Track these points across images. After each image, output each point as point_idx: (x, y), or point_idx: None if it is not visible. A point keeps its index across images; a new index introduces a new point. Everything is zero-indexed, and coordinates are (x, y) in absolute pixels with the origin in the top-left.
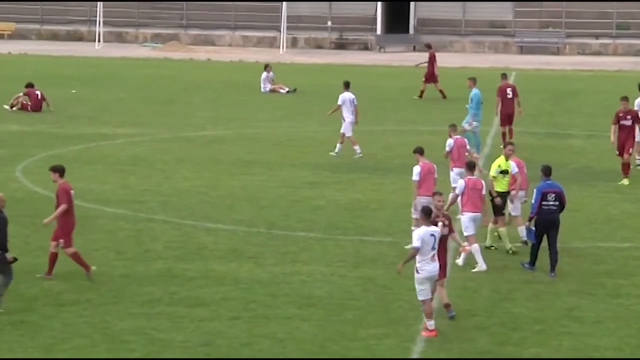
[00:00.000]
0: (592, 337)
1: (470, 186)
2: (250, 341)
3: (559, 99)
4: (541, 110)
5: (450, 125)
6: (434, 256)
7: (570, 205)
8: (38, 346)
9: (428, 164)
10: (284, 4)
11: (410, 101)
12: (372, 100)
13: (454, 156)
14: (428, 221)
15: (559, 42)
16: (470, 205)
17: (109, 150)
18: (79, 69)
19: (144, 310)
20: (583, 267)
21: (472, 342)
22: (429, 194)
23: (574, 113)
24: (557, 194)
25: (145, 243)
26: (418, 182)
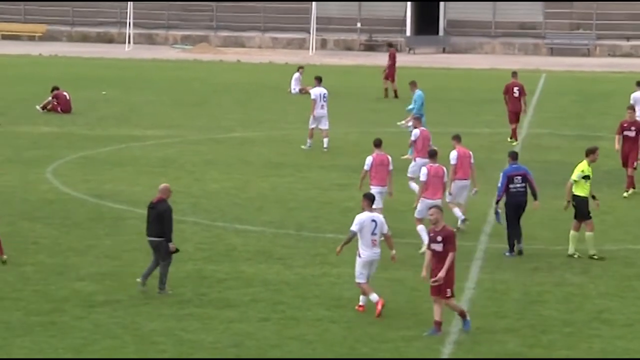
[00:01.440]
0: (622, 339)
1: (432, 173)
2: (279, 343)
3: (589, 101)
4: (571, 112)
5: (414, 118)
6: (374, 241)
7: (601, 207)
8: (68, 347)
9: (382, 156)
10: (313, 5)
11: (440, 102)
12: (402, 102)
13: (418, 147)
14: (370, 207)
15: (590, 44)
16: (431, 192)
17: (139, 152)
18: (109, 71)
19: (174, 312)
20: (613, 269)
21: (502, 345)
22: (383, 184)
23: (604, 115)
24: (523, 177)
25: (176, 244)
26: (367, 172)
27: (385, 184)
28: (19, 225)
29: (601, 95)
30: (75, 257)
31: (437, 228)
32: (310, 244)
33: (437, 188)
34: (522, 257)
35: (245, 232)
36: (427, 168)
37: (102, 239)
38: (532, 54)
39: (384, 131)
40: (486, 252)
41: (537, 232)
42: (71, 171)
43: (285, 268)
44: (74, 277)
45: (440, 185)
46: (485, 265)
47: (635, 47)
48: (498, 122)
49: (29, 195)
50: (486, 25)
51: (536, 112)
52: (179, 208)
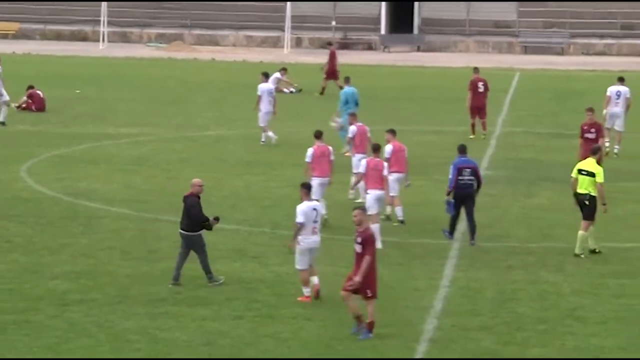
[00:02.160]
0: (595, 337)
1: (372, 167)
2: (254, 341)
3: (563, 99)
4: (545, 111)
5: (350, 114)
6: (314, 229)
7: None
8: (43, 346)
9: (322, 147)
10: (288, 3)
11: (414, 101)
12: (376, 100)
13: (356, 142)
14: (309, 196)
15: (563, 42)
16: (372, 183)
17: (114, 150)
18: (83, 69)
19: (148, 310)
20: (587, 267)
21: (476, 342)
22: (324, 175)
23: (578, 113)
24: (472, 169)
25: (150, 243)
26: (310, 163)
27: (327, 174)
28: None
29: (575, 93)
30: (50, 256)
31: (360, 229)
32: (284, 242)
33: (377, 181)
34: (496, 255)
35: (219, 231)
36: (366, 161)
37: (76, 237)
38: (506, 52)
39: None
40: (460, 251)
41: (512, 230)
42: (45, 169)
43: (260, 266)
44: (48, 276)
45: (380, 178)
46: (460, 264)
47: (609, 46)
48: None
49: (2, 193)
50: (460, 24)
51: (510, 111)
52: (153, 206)
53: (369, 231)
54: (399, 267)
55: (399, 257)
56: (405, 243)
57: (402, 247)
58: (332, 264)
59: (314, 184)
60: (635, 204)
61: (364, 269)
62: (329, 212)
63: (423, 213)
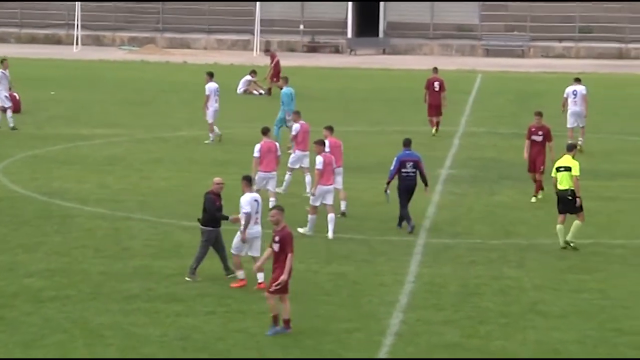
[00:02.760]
0: (556, 330)
1: (327, 162)
2: (224, 335)
3: (524, 100)
4: (507, 111)
5: (294, 112)
6: (256, 219)
7: (534, 203)
8: (18, 342)
9: (269, 143)
10: (257, 7)
11: (380, 102)
12: (343, 102)
13: (298, 140)
14: (250, 188)
15: (524, 45)
16: (327, 178)
17: (87, 151)
18: (57, 72)
19: (122, 306)
20: (548, 263)
21: (440, 336)
22: (269, 169)
23: None
24: (414, 162)
25: (123, 241)
26: (258, 158)
27: (273, 169)
28: None
29: (535, 94)
30: (24, 254)
31: (278, 228)
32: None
33: (329, 175)
34: (459, 251)
35: (192, 229)
36: (322, 157)
37: (51, 236)
38: (469, 55)
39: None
40: (425, 247)
41: (475, 227)
42: (20, 169)
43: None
44: (23, 274)
45: (332, 173)
46: (425, 260)
47: (568, 49)
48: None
49: None
50: (425, 27)
51: (473, 112)
52: (126, 205)
53: (287, 230)
54: (365, 263)
55: (365, 253)
56: (371, 240)
57: (368, 244)
58: (302, 261)
59: (259, 177)
60: (591, 201)
61: (289, 267)
62: (300, 211)
63: (388, 211)
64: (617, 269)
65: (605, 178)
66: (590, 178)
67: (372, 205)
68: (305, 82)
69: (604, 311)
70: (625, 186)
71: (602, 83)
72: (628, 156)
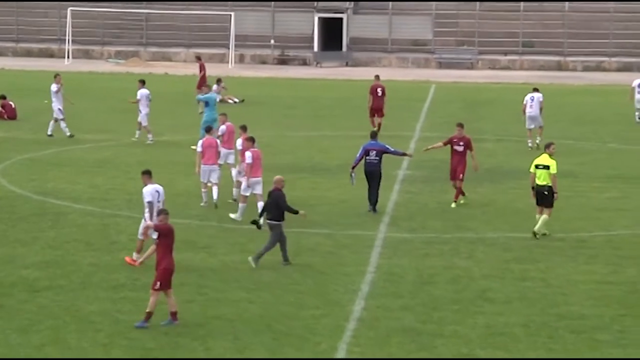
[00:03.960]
0: (502, 315)
1: (256, 157)
2: (203, 322)
3: (473, 108)
4: (458, 118)
5: (221, 114)
6: (158, 207)
7: (483, 200)
8: (15, 328)
9: (210, 139)
10: (232, 24)
11: (344, 110)
12: (310, 109)
13: (224, 139)
14: (151, 180)
15: (473, 58)
16: (256, 171)
17: (79, 154)
18: (50, 82)
19: (110, 295)
20: (495, 254)
21: (399, 321)
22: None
23: (486, 120)
24: (377, 151)
25: (111, 236)
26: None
27: (214, 162)
28: None
29: (483, 103)
30: (22, 248)
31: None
32: (230, 234)
33: (258, 168)
34: (415, 244)
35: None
36: (250, 152)
37: (45, 231)
38: (424, 67)
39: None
40: (385, 240)
41: (429, 223)
42: (17, 171)
43: (209, 256)
44: (20, 265)
45: (260, 166)
46: (384, 252)
47: (512, 61)
48: (393, 126)
49: None
50: (383, 42)
51: (427, 118)
52: (114, 204)
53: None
54: (331, 255)
55: (330, 246)
56: (335, 234)
57: (333, 237)
58: (273, 254)
59: (203, 170)
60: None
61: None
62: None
63: (351, 208)
64: (557, 260)
65: None
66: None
67: (337, 203)
68: (276, 92)
69: (545, 298)
70: (562, 185)
71: (544, 92)
72: (566, 158)
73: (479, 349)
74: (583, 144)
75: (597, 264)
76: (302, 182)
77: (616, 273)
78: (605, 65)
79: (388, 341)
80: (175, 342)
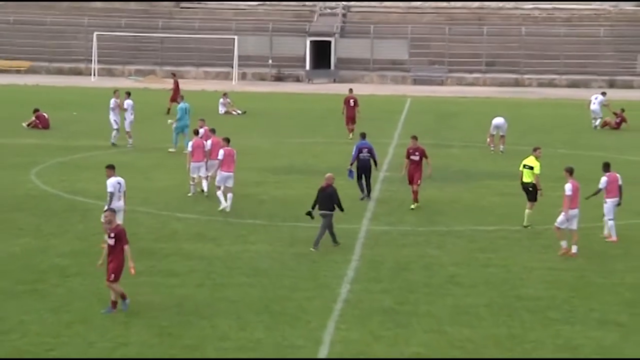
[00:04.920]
0: (468, 297)
1: (227, 153)
2: (211, 303)
3: (443, 119)
4: (430, 127)
5: (200, 119)
6: (120, 197)
7: (451, 198)
8: (48, 308)
9: (199, 141)
10: (235, 46)
11: (332, 120)
12: (304, 120)
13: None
14: (114, 173)
15: (443, 76)
16: (227, 166)
17: (103, 158)
18: (78, 97)
19: (130, 280)
20: (462, 244)
21: (379, 302)
22: (199, 160)
23: (454, 129)
24: (368, 149)
25: (131, 228)
26: (191, 152)
27: (202, 160)
28: (9, 215)
29: (452, 114)
30: (54, 239)
31: (112, 227)
32: (234, 227)
33: (229, 164)
34: (394, 236)
35: (184, 219)
36: (223, 150)
37: (75, 225)
38: (401, 83)
39: (293, 142)
40: (367, 233)
41: (405, 218)
42: (50, 173)
43: (216, 246)
44: (53, 254)
45: (232, 162)
46: (367, 243)
47: (477, 79)
48: (375, 134)
49: (16, 191)
50: (366, 62)
51: (404, 127)
52: (133, 201)
53: (120, 227)
54: (321, 245)
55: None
56: None
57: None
58: (271, 244)
59: (193, 167)
60: (495, 196)
61: (131, 256)
62: (248, 203)
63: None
64: (516, 249)
65: (506, 179)
66: (494, 178)
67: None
68: (273, 105)
69: (505, 282)
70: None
71: (503, 105)
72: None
73: (448, 326)
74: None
75: (550, 253)
76: (297, 183)
77: (566, 261)
78: (557, 82)
79: (370, 319)
80: (187, 320)
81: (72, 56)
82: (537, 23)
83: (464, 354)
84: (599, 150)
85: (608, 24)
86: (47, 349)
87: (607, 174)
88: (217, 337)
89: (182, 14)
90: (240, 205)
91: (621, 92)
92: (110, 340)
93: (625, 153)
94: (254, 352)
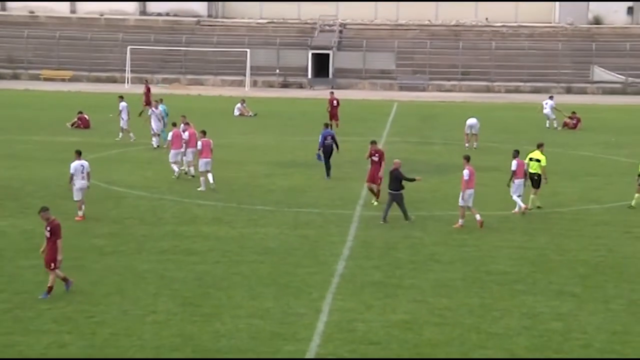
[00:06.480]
0: (447, 272)
1: (205, 144)
2: (227, 277)
3: (425, 120)
4: (413, 127)
5: (182, 116)
6: (82, 177)
7: (433, 187)
8: (88, 281)
9: (206, 140)
10: (248, 58)
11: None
12: (305, 121)
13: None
14: (79, 157)
15: (425, 83)
16: (205, 153)
17: (135, 154)
18: (114, 101)
19: (157, 258)
20: (441, 227)
21: (370, 276)
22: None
23: (435, 129)
24: (332, 136)
25: (158, 214)
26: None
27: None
28: (55, 202)
29: (432, 116)
30: (93, 222)
31: (49, 222)
32: (246, 212)
33: (207, 152)
34: (385, 220)
35: (204, 206)
36: (201, 141)
37: (110, 210)
38: (389, 90)
39: (297, 140)
40: (360, 217)
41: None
42: (91, 167)
43: (231, 228)
44: (92, 235)
45: (209, 151)
46: (359, 226)
47: (454, 86)
48: (367, 133)
49: (62, 182)
50: (359, 72)
51: (391, 127)
52: (160, 190)
53: (55, 221)
54: (320, 228)
55: (321, 222)
56: (324, 213)
57: (322, 215)
58: (278, 227)
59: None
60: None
61: (61, 249)
62: (258, 192)
63: (336, 193)
64: (486, 231)
65: (479, 171)
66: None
67: (325, 190)
68: (280, 108)
69: (478, 259)
70: (492, 176)
71: (476, 108)
72: (493, 156)
73: (429, 297)
74: (505, 146)
75: (516, 234)
76: (299, 175)
77: (530, 241)
78: (522, 88)
79: (362, 291)
80: (206, 292)
81: (108, 66)
82: (505, 38)
83: (442, 320)
84: (558, 147)
85: (565, 39)
86: (89, 315)
87: (516, 159)
88: (232, 306)
89: (202, 30)
90: (252, 194)
91: (577, 97)
92: (141, 309)
93: (580, 149)
94: (262, 319)
